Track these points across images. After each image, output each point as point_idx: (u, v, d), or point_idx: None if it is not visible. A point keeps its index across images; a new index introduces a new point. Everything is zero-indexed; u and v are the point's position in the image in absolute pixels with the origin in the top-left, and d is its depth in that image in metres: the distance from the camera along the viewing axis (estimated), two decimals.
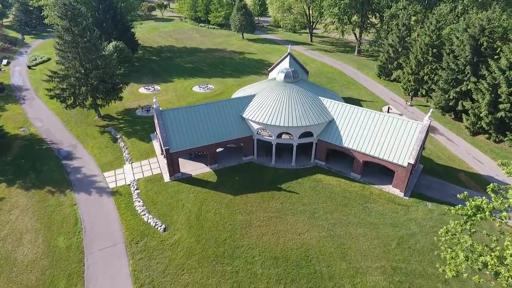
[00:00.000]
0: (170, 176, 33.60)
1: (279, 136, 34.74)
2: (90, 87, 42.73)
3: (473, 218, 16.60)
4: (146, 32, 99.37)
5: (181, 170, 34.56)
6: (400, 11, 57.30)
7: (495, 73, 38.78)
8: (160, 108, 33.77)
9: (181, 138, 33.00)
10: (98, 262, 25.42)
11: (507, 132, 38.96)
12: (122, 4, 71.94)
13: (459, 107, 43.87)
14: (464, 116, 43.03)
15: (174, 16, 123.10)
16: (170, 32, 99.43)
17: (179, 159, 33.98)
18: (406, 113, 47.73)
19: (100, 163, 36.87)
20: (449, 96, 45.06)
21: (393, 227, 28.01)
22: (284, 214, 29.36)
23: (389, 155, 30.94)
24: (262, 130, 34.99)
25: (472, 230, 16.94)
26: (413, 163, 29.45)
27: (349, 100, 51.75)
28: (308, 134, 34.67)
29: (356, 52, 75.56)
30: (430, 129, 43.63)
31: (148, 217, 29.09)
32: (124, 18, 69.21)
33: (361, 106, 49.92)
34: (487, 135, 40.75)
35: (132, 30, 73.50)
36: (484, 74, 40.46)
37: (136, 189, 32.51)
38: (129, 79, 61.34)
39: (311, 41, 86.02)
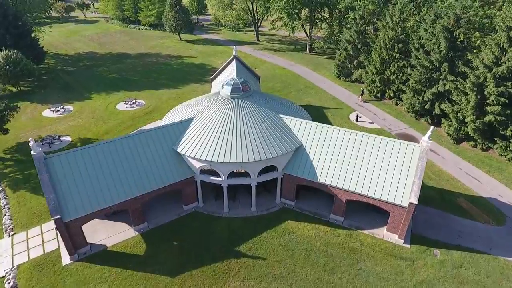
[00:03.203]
0: (70, 255, 22.14)
1: (231, 174, 25.01)
2: None
3: None
4: (62, 37, 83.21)
5: (89, 241, 23.27)
6: (356, 2, 50.63)
7: (478, 69, 32.94)
8: (40, 146, 21.97)
9: (82, 196, 21.69)
10: None
11: (495, 138, 33.41)
12: (17, 3, 56.51)
13: (437, 111, 37.82)
14: (443, 121, 37.00)
15: (99, 17, 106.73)
16: (93, 35, 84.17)
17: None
18: (370, 115, 40.85)
19: None
20: (423, 97, 38.86)
21: None
22: None
23: (381, 192, 22.80)
24: (207, 168, 24.96)
25: None
26: (416, 202, 21.57)
27: (310, 108, 43.66)
28: (271, 167, 25.41)
29: (307, 50, 68.37)
30: (409, 139, 37.01)
31: None
32: (20, 20, 54.00)
33: (324, 114, 42.29)
34: (472, 142, 34.98)
35: (34, 35, 58.38)
36: (464, 71, 34.60)
37: (13, 286, 20.60)
38: (31, 98, 47.68)
39: (258, 40, 77.30)
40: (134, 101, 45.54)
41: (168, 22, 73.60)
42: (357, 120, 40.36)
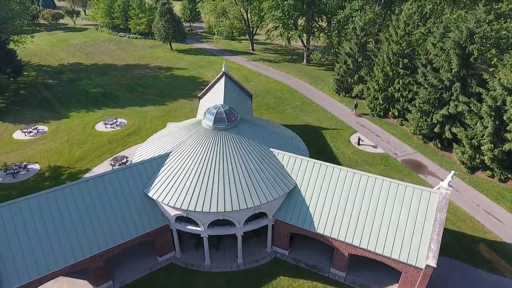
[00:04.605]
0: None
1: (213, 223, 21.09)
2: None
3: None
4: (48, 46, 79.59)
5: None
6: (356, 12, 47.05)
7: (494, 90, 29.26)
8: None
9: (27, 258, 17.73)
10: None
11: None
12: None
13: (447, 134, 34.08)
14: (455, 146, 33.23)
15: (89, 25, 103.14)
16: (80, 45, 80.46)
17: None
18: (373, 136, 37.02)
19: None
20: (432, 119, 35.14)
21: None
22: None
23: (391, 249, 18.92)
24: (183, 216, 21.03)
25: None
26: (434, 265, 17.65)
27: (307, 129, 40.03)
28: (260, 214, 21.54)
29: (305, 61, 64.72)
30: (417, 167, 33.29)
31: None
32: None
33: (323, 136, 38.46)
34: (489, 172, 31.15)
35: (14, 45, 54.60)
36: (479, 92, 30.97)
37: None
38: (4, 116, 44.29)
39: (253, 49, 73.72)
40: (115, 120, 41.55)
41: (158, 31, 70.00)
42: (359, 144, 36.54)
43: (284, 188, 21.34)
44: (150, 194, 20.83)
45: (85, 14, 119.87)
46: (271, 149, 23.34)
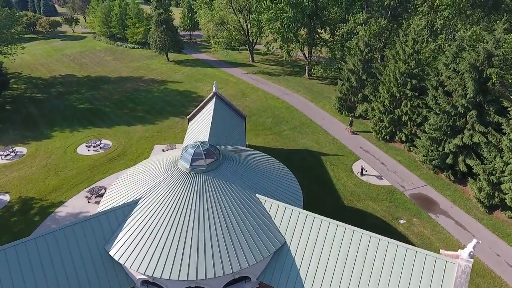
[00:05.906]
0: None
1: None
2: None
3: None
4: (43, 56, 77.52)
5: None
6: (360, 26, 43.74)
7: None
8: None
9: None
10: None
11: None
12: None
13: (461, 166, 30.50)
14: (471, 181, 29.64)
15: (87, 33, 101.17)
16: (75, 55, 78.17)
17: None
18: (377, 164, 33.53)
19: None
20: (443, 149, 31.61)
21: None
22: None
23: None
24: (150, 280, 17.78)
25: None
26: None
27: (305, 154, 36.76)
28: (241, 277, 18.22)
29: (306, 74, 61.47)
30: (427, 203, 29.73)
31: None
32: None
33: (322, 164, 35.05)
34: (509, 213, 27.47)
35: (0, 59, 52.23)
36: (497, 121, 27.46)
37: None
38: None
39: (253, 60, 70.72)
40: (98, 142, 38.60)
41: (154, 42, 67.34)
42: (362, 174, 33.08)
43: (270, 247, 17.99)
44: (111, 253, 17.63)
45: (85, 21, 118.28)
46: (257, 195, 20.04)
